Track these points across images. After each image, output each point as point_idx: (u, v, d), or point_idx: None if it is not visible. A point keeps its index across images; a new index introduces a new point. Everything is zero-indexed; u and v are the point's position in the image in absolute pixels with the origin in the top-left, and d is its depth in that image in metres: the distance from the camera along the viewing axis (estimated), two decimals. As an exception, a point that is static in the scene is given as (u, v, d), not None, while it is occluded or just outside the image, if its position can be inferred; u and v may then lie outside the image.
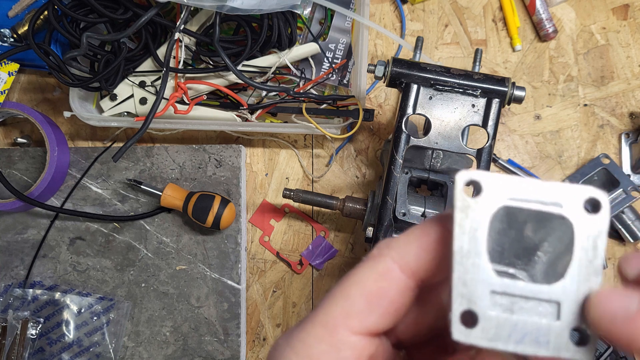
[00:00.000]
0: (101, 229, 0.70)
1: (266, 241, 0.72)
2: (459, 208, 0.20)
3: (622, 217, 0.68)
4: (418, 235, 0.22)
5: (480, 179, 0.20)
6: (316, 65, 0.69)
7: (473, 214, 0.20)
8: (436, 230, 0.22)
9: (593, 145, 0.72)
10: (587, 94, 0.73)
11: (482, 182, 0.20)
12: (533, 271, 0.22)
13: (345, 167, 0.73)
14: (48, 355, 0.67)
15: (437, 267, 0.22)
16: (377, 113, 0.74)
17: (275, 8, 0.59)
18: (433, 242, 0.22)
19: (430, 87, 0.54)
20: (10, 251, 0.70)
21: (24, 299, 0.68)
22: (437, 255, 0.22)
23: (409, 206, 0.57)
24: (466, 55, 0.74)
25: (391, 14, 0.75)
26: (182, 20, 0.62)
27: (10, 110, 0.68)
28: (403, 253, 0.22)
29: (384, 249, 0.23)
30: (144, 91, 0.67)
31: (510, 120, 0.73)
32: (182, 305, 0.68)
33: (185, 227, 0.70)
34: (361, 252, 0.71)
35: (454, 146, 0.54)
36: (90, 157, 0.71)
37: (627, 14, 0.74)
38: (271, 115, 0.70)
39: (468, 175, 0.20)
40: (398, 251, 0.22)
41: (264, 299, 0.71)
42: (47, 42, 0.63)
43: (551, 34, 0.72)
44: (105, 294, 0.69)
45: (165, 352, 0.68)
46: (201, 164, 0.70)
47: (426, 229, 0.22)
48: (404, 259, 0.22)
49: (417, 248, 0.22)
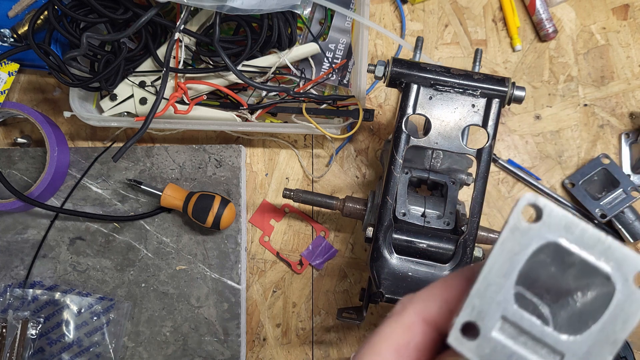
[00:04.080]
0: (101, 229, 0.70)
1: (266, 241, 0.72)
2: (510, 227, 0.19)
3: (622, 217, 0.68)
4: (440, 289, 0.23)
5: (544, 207, 0.19)
6: (316, 65, 0.69)
7: (521, 237, 0.19)
8: (459, 284, 0.23)
9: (593, 145, 0.72)
10: (587, 94, 0.73)
11: (544, 210, 0.19)
12: (555, 312, 0.21)
13: (345, 167, 0.73)
14: (48, 355, 0.67)
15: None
16: (377, 113, 0.74)
17: (275, 8, 0.59)
18: (455, 294, 0.23)
19: (430, 87, 0.54)
20: (10, 251, 0.70)
21: (24, 299, 0.68)
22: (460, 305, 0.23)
23: (409, 206, 0.57)
24: (466, 55, 0.74)
25: (391, 14, 0.75)
26: (182, 20, 0.62)
27: (10, 110, 0.68)
28: (426, 306, 0.23)
29: (407, 304, 0.23)
30: (144, 91, 0.67)
31: (510, 120, 0.73)
32: (182, 305, 0.68)
33: (185, 227, 0.70)
34: (361, 252, 0.71)
35: (454, 146, 0.54)
36: (90, 157, 0.71)
37: (627, 14, 0.74)
38: (271, 115, 0.70)
39: (534, 198, 0.19)
40: (421, 305, 0.23)
41: (264, 299, 0.71)
42: (47, 42, 0.63)
43: (551, 34, 0.72)
44: (105, 294, 0.69)
45: (165, 352, 0.68)
46: (201, 164, 0.70)
47: (448, 283, 0.23)
48: (426, 311, 0.23)
49: (439, 301, 0.23)
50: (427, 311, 0.23)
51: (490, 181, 0.71)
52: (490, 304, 0.20)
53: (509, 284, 0.20)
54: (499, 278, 0.20)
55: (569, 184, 0.70)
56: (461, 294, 0.22)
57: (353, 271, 0.71)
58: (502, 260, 0.20)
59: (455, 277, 0.23)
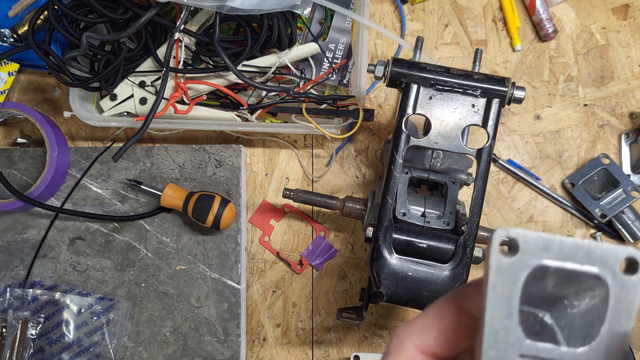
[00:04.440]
0: (101, 229, 0.70)
1: (266, 241, 0.72)
2: (494, 269, 0.20)
3: (622, 217, 0.68)
4: (434, 318, 0.23)
5: (517, 236, 0.20)
6: (316, 65, 0.69)
7: (508, 274, 0.20)
8: (451, 312, 0.23)
9: (593, 145, 0.72)
10: (587, 94, 0.73)
11: (519, 239, 0.20)
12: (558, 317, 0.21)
13: (345, 167, 0.73)
14: (48, 355, 0.67)
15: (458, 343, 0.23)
16: (377, 113, 0.74)
17: (275, 8, 0.59)
18: (450, 323, 0.23)
19: (430, 87, 0.54)
20: (10, 251, 0.70)
21: (24, 299, 0.68)
22: (455, 334, 0.23)
23: (409, 206, 0.57)
24: (466, 55, 0.74)
25: (391, 14, 0.75)
26: (182, 20, 0.62)
27: (10, 110, 0.68)
28: (422, 338, 0.23)
29: (404, 337, 0.23)
30: (144, 91, 0.67)
31: (510, 120, 0.73)
32: (182, 305, 0.68)
33: (185, 227, 0.70)
34: (361, 252, 0.71)
35: (454, 146, 0.54)
36: (90, 157, 0.71)
37: (627, 14, 0.74)
38: (271, 115, 0.70)
39: (505, 233, 0.19)
40: (418, 337, 0.23)
41: (263, 299, 0.71)
42: (47, 42, 0.63)
43: (551, 34, 0.72)
44: (105, 294, 0.69)
45: (165, 352, 0.68)
46: (201, 164, 0.70)
47: (441, 311, 0.23)
48: (424, 343, 0.23)
49: (435, 332, 0.23)
50: (424, 343, 0.23)
51: (490, 181, 0.71)
52: (505, 349, 0.20)
53: (514, 323, 0.20)
54: (503, 322, 0.20)
55: (569, 184, 0.70)
56: (454, 322, 0.23)
57: (353, 271, 0.71)
58: (499, 304, 0.20)
59: (447, 306, 0.23)
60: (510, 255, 0.20)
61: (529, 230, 0.20)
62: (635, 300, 0.20)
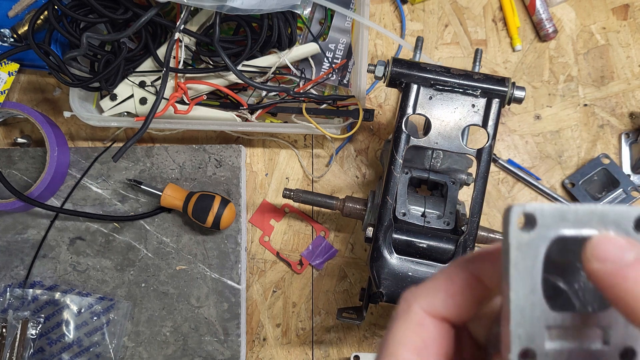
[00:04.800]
0: (101, 229, 0.70)
1: (266, 241, 0.72)
2: (515, 247, 0.20)
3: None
4: (443, 283, 0.23)
5: (535, 212, 0.20)
6: (316, 65, 0.69)
7: (528, 250, 0.20)
8: (461, 277, 0.23)
9: (593, 145, 0.72)
10: (587, 94, 0.73)
11: (537, 214, 0.20)
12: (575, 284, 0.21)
13: (345, 167, 0.73)
14: (48, 355, 0.67)
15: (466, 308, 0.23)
16: (377, 113, 0.74)
17: (275, 8, 0.59)
18: (459, 288, 0.23)
19: (430, 87, 0.54)
20: (10, 251, 0.70)
21: (24, 299, 0.68)
22: (464, 299, 0.23)
23: (409, 206, 0.57)
24: (466, 55, 0.74)
25: (391, 14, 0.75)
26: (182, 20, 0.62)
27: (10, 110, 0.68)
28: (431, 302, 0.23)
29: (411, 300, 0.23)
30: (144, 91, 0.67)
31: (510, 120, 0.73)
32: (182, 305, 0.68)
33: (185, 227, 0.70)
34: (361, 252, 0.71)
35: (454, 146, 0.54)
36: (90, 157, 0.71)
37: (627, 14, 0.74)
38: (271, 115, 0.70)
39: (522, 209, 0.20)
40: (426, 300, 0.23)
41: (264, 299, 0.71)
42: (47, 42, 0.63)
43: (551, 34, 0.72)
44: (105, 294, 0.69)
45: (165, 352, 0.68)
46: (201, 164, 0.70)
47: (451, 276, 0.23)
48: (431, 306, 0.23)
49: (444, 296, 0.23)
50: (432, 307, 0.23)
51: (490, 181, 0.71)
52: (532, 324, 0.20)
53: (538, 297, 0.20)
54: (528, 297, 0.20)
55: (569, 184, 0.70)
56: (464, 287, 0.23)
57: (353, 271, 0.71)
58: (523, 280, 0.20)
59: (458, 271, 0.23)
60: (529, 230, 0.20)
61: (544, 203, 0.20)
62: None
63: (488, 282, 0.23)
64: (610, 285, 0.18)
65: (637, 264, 0.18)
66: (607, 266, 0.18)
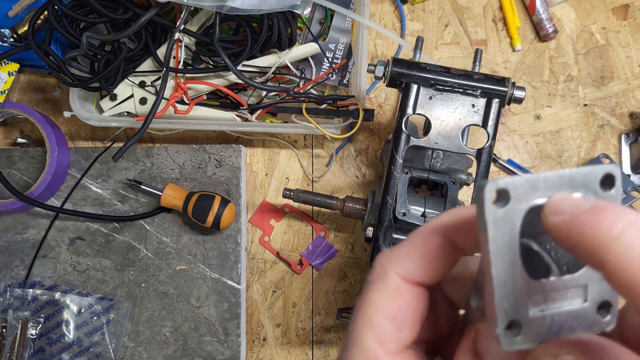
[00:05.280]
0: (101, 229, 0.70)
1: (266, 241, 0.72)
2: (492, 223, 0.20)
3: (622, 217, 0.68)
4: (418, 248, 0.23)
5: (508, 186, 0.20)
6: (316, 65, 0.69)
7: (504, 224, 0.20)
8: (435, 240, 0.23)
9: (593, 145, 0.72)
10: (587, 94, 0.73)
11: (509, 188, 0.20)
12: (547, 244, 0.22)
13: (345, 167, 0.73)
14: (48, 355, 0.67)
15: (440, 270, 0.23)
16: (377, 113, 0.74)
17: (275, 8, 0.59)
18: (433, 252, 0.23)
19: (430, 87, 0.54)
20: (10, 251, 0.70)
21: (24, 299, 0.68)
22: (438, 262, 0.23)
23: (409, 206, 0.57)
24: (466, 55, 0.74)
25: (391, 14, 0.75)
26: (182, 20, 0.62)
27: (10, 110, 0.68)
28: (405, 266, 0.23)
29: (386, 264, 0.23)
30: (144, 91, 0.67)
31: (510, 120, 0.73)
32: (182, 305, 0.68)
33: (185, 227, 0.70)
34: (361, 252, 0.71)
35: (454, 146, 0.54)
36: (90, 157, 0.71)
37: (627, 14, 0.74)
38: (271, 115, 0.70)
39: (495, 186, 0.20)
40: (401, 265, 0.23)
41: (264, 299, 0.71)
42: (47, 42, 0.63)
43: (551, 34, 0.72)
44: (105, 294, 0.69)
45: (165, 352, 0.68)
46: (201, 164, 0.70)
47: (425, 240, 0.23)
48: (407, 271, 0.23)
49: (418, 260, 0.23)
50: (408, 272, 0.23)
51: (490, 181, 0.71)
52: (516, 296, 0.20)
53: (518, 268, 0.20)
54: (509, 271, 0.20)
55: (569, 184, 0.70)
56: (438, 251, 0.23)
57: (353, 271, 0.71)
58: (502, 255, 0.20)
59: (432, 234, 0.23)
60: (503, 204, 0.20)
61: (515, 176, 0.20)
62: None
63: (462, 245, 0.23)
64: (567, 234, 0.18)
65: (592, 209, 0.18)
66: (563, 217, 0.19)
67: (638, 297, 0.17)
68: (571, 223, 0.18)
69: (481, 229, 0.20)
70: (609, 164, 0.20)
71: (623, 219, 0.17)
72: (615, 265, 0.17)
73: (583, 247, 0.18)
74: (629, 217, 0.17)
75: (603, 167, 0.20)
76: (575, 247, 0.18)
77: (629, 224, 0.17)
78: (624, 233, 0.17)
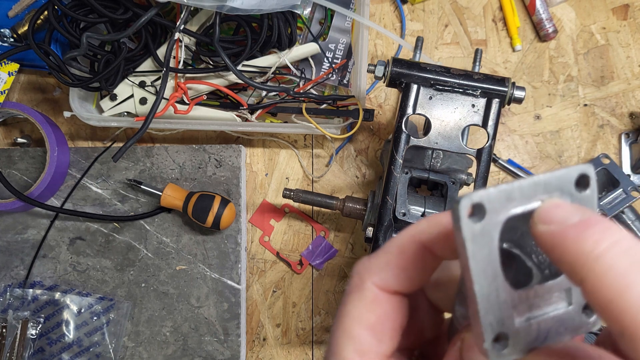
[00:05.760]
0: (101, 229, 0.70)
1: (266, 241, 0.72)
2: (470, 239, 0.19)
3: (622, 217, 0.68)
4: (394, 257, 0.23)
5: (482, 200, 0.19)
6: (316, 65, 0.69)
7: (483, 238, 0.19)
8: (412, 249, 0.23)
9: (593, 145, 0.72)
10: (587, 94, 0.73)
11: (484, 201, 0.19)
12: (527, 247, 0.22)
13: (345, 167, 0.73)
14: (48, 355, 0.67)
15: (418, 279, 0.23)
16: (377, 113, 0.74)
17: (275, 8, 0.59)
18: (411, 260, 0.23)
19: (430, 87, 0.54)
20: (10, 251, 0.70)
21: (24, 299, 0.68)
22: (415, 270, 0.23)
23: (409, 206, 0.57)
24: (466, 55, 0.74)
25: (391, 14, 0.75)
26: (182, 20, 0.62)
27: (10, 110, 0.68)
28: (382, 276, 0.23)
29: (363, 274, 0.23)
30: (144, 91, 0.67)
31: (510, 120, 0.73)
32: (182, 305, 0.68)
33: (185, 227, 0.70)
34: (361, 252, 0.71)
35: (454, 146, 0.54)
36: (90, 157, 0.71)
37: (627, 14, 0.74)
38: (271, 115, 0.70)
39: (469, 202, 0.19)
40: (378, 275, 0.23)
41: (264, 299, 0.71)
42: (47, 42, 0.63)
43: (551, 34, 0.72)
44: (105, 294, 0.69)
45: (165, 352, 0.68)
46: (201, 164, 0.70)
47: (402, 249, 0.23)
48: (384, 281, 0.23)
49: (396, 270, 0.23)
50: (385, 282, 0.23)
51: (490, 181, 0.71)
52: (501, 309, 0.20)
53: (500, 280, 0.20)
54: (491, 285, 0.20)
55: (569, 184, 0.70)
56: (416, 259, 0.23)
57: (353, 271, 0.71)
58: (483, 270, 0.20)
59: (409, 242, 0.23)
60: (479, 219, 0.19)
61: (489, 188, 0.19)
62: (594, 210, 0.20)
63: (440, 253, 0.22)
64: (553, 246, 0.18)
65: (580, 224, 0.18)
66: (551, 228, 0.18)
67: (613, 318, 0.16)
68: (557, 236, 0.18)
69: (460, 245, 0.20)
70: (582, 164, 0.20)
71: (607, 238, 0.17)
72: (594, 285, 0.17)
73: (565, 263, 0.18)
74: (614, 236, 0.17)
75: (577, 167, 0.20)
76: (559, 261, 0.18)
77: (612, 244, 0.17)
78: (605, 254, 0.17)
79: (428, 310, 0.25)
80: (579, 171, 0.20)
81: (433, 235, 0.22)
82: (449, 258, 0.23)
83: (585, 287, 0.17)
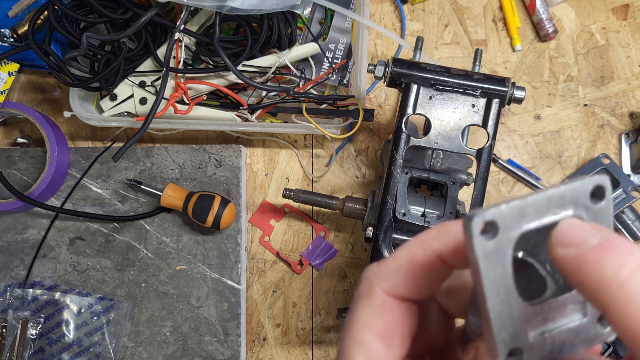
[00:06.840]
0: (101, 229, 0.70)
1: (266, 241, 0.72)
2: (483, 258, 0.19)
3: (622, 217, 0.68)
4: (405, 263, 0.23)
5: (495, 217, 0.19)
6: (316, 65, 0.69)
7: (496, 256, 0.19)
8: (422, 256, 0.22)
9: (593, 145, 0.72)
10: (587, 94, 0.73)
11: (497, 219, 0.19)
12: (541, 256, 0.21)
13: (345, 167, 0.73)
14: (48, 355, 0.67)
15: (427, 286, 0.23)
16: (377, 113, 0.74)
17: (275, 8, 0.59)
18: (421, 268, 0.22)
19: (430, 87, 0.54)
20: (10, 251, 0.70)
21: (24, 299, 0.68)
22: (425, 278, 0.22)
23: (409, 206, 0.57)
24: (466, 55, 0.74)
25: (391, 14, 0.75)
26: (182, 20, 0.62)
27: (10, 110, 0.68)
28: (392, 282, 0.23)
29: (372, 280, 0.23)
30: (144, 91, 0.67)
31: (510, 120, 0.73)
32: (182, 305, 0.68)
33: (185, 227, 0.70)
34: (361, 252, 0.71)
35: (454, 146, 0.54)
36: (90, 157, 0.71)
37: (627, 14, 0.74)
38: (271, 115, 0.70)
39: (482, 219, 0.19)
40: (387, 281, 0.23)
41: (264, 299, 0.71)
42: (47, 42, 0.63)
43: (551, 34, 0.72)
44: (105, 294, 0.69)
45: (165, 352, 0.68)
46: (201, 164, 0.70)
47: (412, 256, 0.23)
48: (393, 287, 0.23)
49: (405, 276, 0.22)
50: (394, 289, 0.23)
51: (490, 181, 0.71)
52: (514, 325, 0.20)
53: (514, 297, 0.20)
54: (504, 301, 0.19)
55: (569, 184, 0.70)
56: (426, 267, 0.22)
57: (353, 271, 0.71)
58: (496, 287, 0.19)
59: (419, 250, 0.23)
60: (492, 236, 0.19)
61: (502, 205, 0.19)
62: (610, 222, 0.20)
63: (451, 262, 0.22)
64: (573, 270, 0.18)
65: (600, 247, 0.18)
66: (570, 251, 0.18)
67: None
68: (577, 260, 0.18)
69: (472, 262, 0.19)
70: (596, 176, 0.20)
71: (630, 263, 0.17)
72: (618, 313, 0.16)
73: (588, 289, 0.17)
74: (636, 260, 0.17)
75: (591, 179, 0.19)
76: (579, 286, 0.18)
77: (635, 269, 0.17)
78: (629, 279, 0.16)
79: (439, 317, 0.25)
80: (594, 183, 0.19)
81: (443, 243, 0.22)
82: (460, 268, 0.22)
83: (609, 314, 0.17)
